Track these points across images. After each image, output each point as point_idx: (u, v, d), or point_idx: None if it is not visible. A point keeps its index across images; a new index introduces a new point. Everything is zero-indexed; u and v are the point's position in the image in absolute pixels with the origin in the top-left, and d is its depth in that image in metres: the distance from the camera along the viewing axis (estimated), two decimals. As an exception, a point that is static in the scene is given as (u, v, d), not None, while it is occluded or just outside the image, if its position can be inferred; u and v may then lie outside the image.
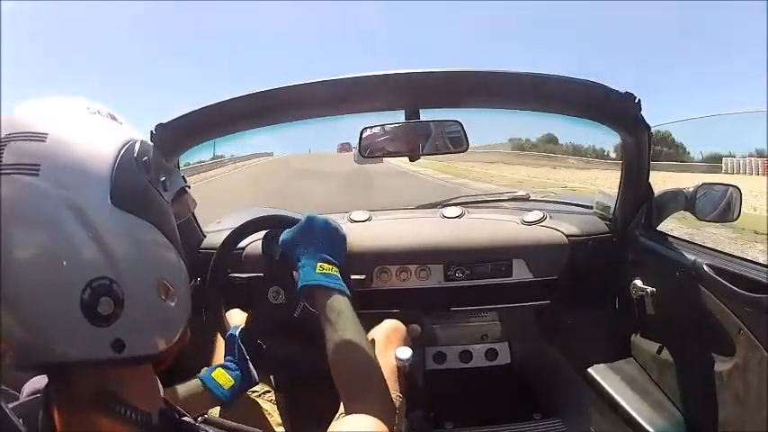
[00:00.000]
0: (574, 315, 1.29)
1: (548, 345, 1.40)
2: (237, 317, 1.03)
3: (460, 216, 1.38)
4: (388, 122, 0.94)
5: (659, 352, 1.08)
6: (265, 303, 0.91)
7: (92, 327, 0.37)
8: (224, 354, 0.89)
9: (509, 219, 1.35)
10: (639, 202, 1.14)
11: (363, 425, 0.59)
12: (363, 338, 0.67)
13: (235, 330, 0.91)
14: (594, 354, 1.20)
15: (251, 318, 0.91)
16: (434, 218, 1.40)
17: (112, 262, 0.38)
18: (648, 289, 1.07)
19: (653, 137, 1.04)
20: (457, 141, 0.93)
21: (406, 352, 0.95)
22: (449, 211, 1.41)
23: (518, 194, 1.65)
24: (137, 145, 0.43)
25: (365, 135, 0.93)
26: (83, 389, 0.40)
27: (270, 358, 0.91)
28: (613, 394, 1.09)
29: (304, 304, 0.89)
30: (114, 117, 0.45)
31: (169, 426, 0.44)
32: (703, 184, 1.09)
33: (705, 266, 0.91)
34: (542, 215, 1.32)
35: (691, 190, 1.10)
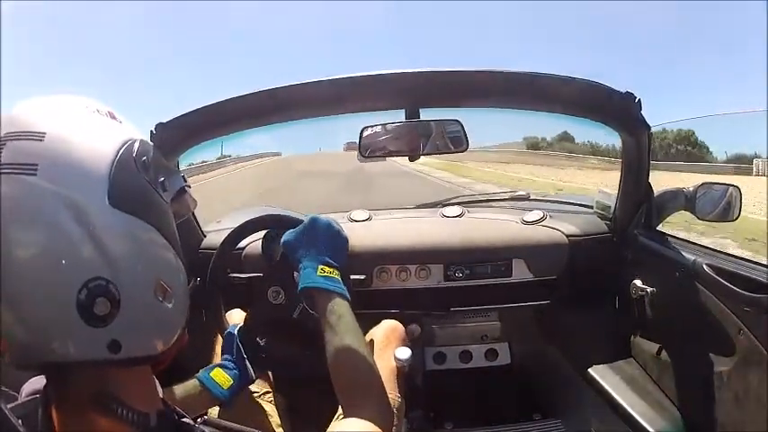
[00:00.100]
0: (574, 315, 1.29)
1: (548, 345, 1.40)
2: (237, 317, 1.02)
3: (460, 216, 1.38)
4: (389, 122, 0.94)
5: (659, 352, 1.08)
6: (265, 303, 0.91)
7: (88, 327, 0.37)
8: (221, 352, 0.89)
9: (509, 218, 1.35)
10: (639, 202, 1.14)
11: (361, 428, 0.59)
12: (363, 343, 0.67)
13: (233, 328, 0.91)
14: (594, 354, 1.20)
15: (250, 316, 0.91)
16: (434, 217, 1.40)
17: (109, 262, 0.38)
18: (648, 289, 1.07)
19: (653, 137, 1.05)
20: (457, 141, 0.93)
21: (405, 352, 0.95)
22: (449, 211, 1.41)
23: (518, 194, 1.65)
24: (136, 144, 0.43)
25: (365, 135, 0.93)
26: (81, 389, 0.40)
27: (267, 357, 0.91)
28: (613, 394, 1.09)
29: (303, 305, 0.88)
30: (114, 116, 0.45)
31: (167, 426, 0.44)
32: (703, 184, 1.09)
33: (705, 266, 0.91)
34: (542, 215, 1.32)
35: (691, 189, 1.10)
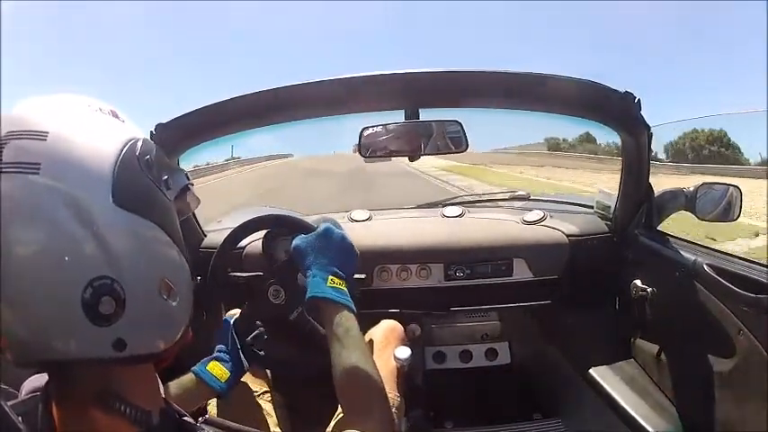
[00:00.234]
0: (574, 315, 1.29)
1: (548, 344, 1.41)
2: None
3: (461, 215, 1.38)
4: (389, 122, 0.94)
5: (659, 352, 1.08)
6: (265, 301, 0.91)
7: (93, 326, 0.37)
8: (215, 341, 0.88)
9: (509, 218, 1.35)
10: (640, 202, 1.14)
11: None
12: (370, 359, 0.68)
13: (230, 318, 0.90)
14: (594, 353, 1.20)
15: (248, 309, 0.91)
16: (435, 217, 1.40)
17: (114, 261, 0.38)
18: (649, 289, 1.07)
19: (653, 137, 1.05)
20: (457, 141, 0.94)
21: (405, 352, 0.95)
22: (449, 211, 1.41)
23: (518, 194, 1.65)
24: (139, 143, 0.43)
25: (366, 135, 0.94)
26: (83, 387, 0.40)
27: (263, 353, 0.92)
28: (613, 394, 1.09)
29: (302, 309, 0.89)
30: (116, 115, 0.45)
31: (169, 425, 0.44)
32: (703, 184, 1.09)
33: (705, 266, 0.91)
34: (543, 215, 1.32)
35: (691, 189, 1.10)
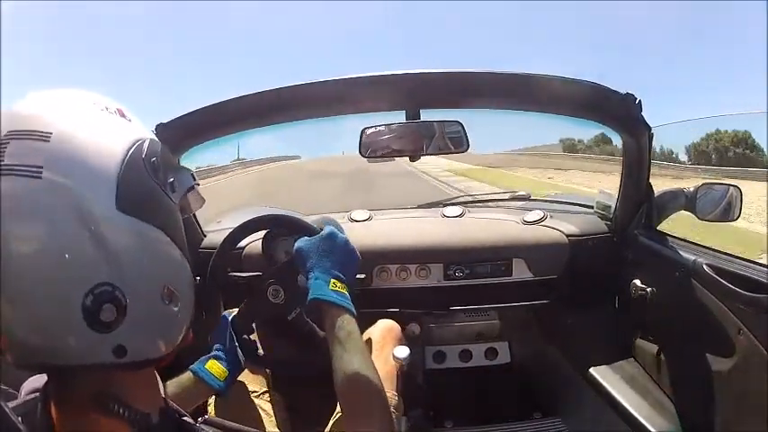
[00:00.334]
0: (574, 314, 1.29)
1: (547, 344, 1.41)
2: None
3: (461, 215, 1.38)
4: (389, 122, 0.94)
5: (659, 352, 1.08)
6: (264, 300, 0.92)
7: (93, 332, 0.37)
8: (212, 339, 0.88)
9: (509, 218, 1.35)
10: (640, 202, 1.14)
11: None
12: (371, 363, 0.68)
13: (228, 315, 0.90)
14: (594, 353, 1.20)
15: (246, 307, 0.91)
16: (435, 217, 1.41)
17: (116, 268, 0.38)
18: (648, 289, 1.07)
19: (653, 137, 1.05)
20: (458, 141, 0.93)
21: (404, 351, 0.95)
22: (449, 211, 1.41)
23: (519, 194, 1.65)
24: (145, 144, 0.42)
25: (366, 135, 0.93)
26: (83, 389, 0.39)
27: (261, 352, 0.92)
28: (613, 394, 1.09)
29: (300, 310, 0.89)
30: (123, 113, 0.44)
31: (169, 426, 0.44)
32: (704, 185, 1.09)
33: (705, 266, 0.91)
34: (543, 215, 1.32)
35: (691, 189, 1.10)
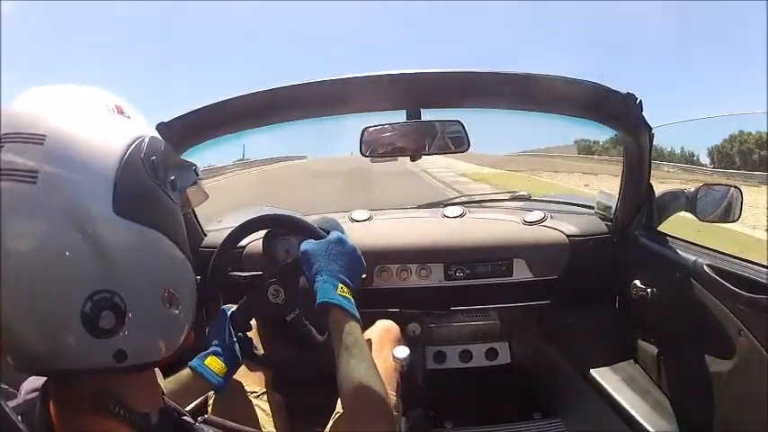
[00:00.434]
0: (574, 315, 1.29)
1: (548, 345, 1.41)
2: None
3: (461, 215, 1.38)
4: (390, 122, 0.94)
5: (659, 352, 1.08)
6: (264, 299, 0.92)
7: (93, 339, 0.36)
8: (209, 334, 0.87)
9: (510, 218, 1.35)
10: (640, 203, 1.14)
11: None
12: (376, 370, 0.68)
13: (227, 310, 0.90)
14: (594, 354, 1.20)
15: (246, 304, 0.91)
16: (435, 217, 1.41)
17: (115, 274, 0.37)
18: (649, 289, 1.07)
19: (654, 137, 1.05)
20: (458, 141, 0.94)
21: (404, 351, 0.95)
22: (450, 211, 1.41)
23: (519, 194, 1.65)
24: (145, 143, 0.41)
25: (367, 134, 0.93)
26: (82, 391, 0.39)
27: (258, 352, 0.92)
28: (613, 394, 1.09)
29: (299, 311, 0.89)
30: (122, 110, 0.43)
31: (168, 425, 0.44)
32: (704, 185, 1.09)
33: (705, 267, 0.91)
34: (543, 215, 1.32)
35: (692, 190, 1.10)
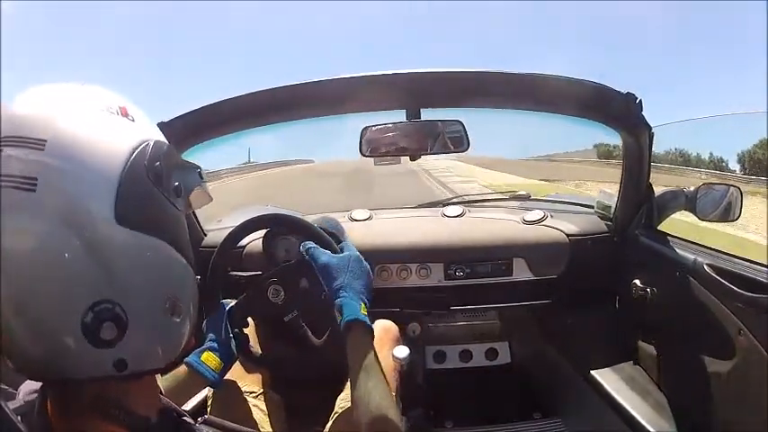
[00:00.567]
0: (574, 314, 1.29)
1: (548, 344, 1.40)
2: None
3: (461, 215, 1.38)
4: (390, 122, 0.94)
5: (659, 352, 1.08)
6: (264, 298, 0.92)
7: (94, 349, 0.36)
8: (206, 329, 0.86)
9: (510, 218, 1.35)
10: (640, 202, 1.14)
11: None
12: (388, 389, 0.69)
13: (226, 306, 0.89)
14: (594, 353, 1.20)
15: (245, 301, 0.91)
16: (435, 217, 1.41)
17: (117, 284, 0.36)
18: (649, 289, 1.07)
19: (654, 137, 1.05)
20: (458, 141, 0.94)
21: (404, 351, 0.95)
22: (450, 210, 1.41)
23: (519, 194, 1.65)
24: (149, 148, 0.40)
25: (367, 134, 0.93)
26: (82, 396, 0.39)
27: (255, 351, 0.92)
28: (613, 394, 1.09)
29: (297, 312, 0.89)
30: (126, 112, 0.41)
31: (168, 426, 0.44)
32: (704, 184, 1.09)
33: (705, 266, 0.91)
34: (543, 214, 1.32)
35: (692, 189, 1.10)
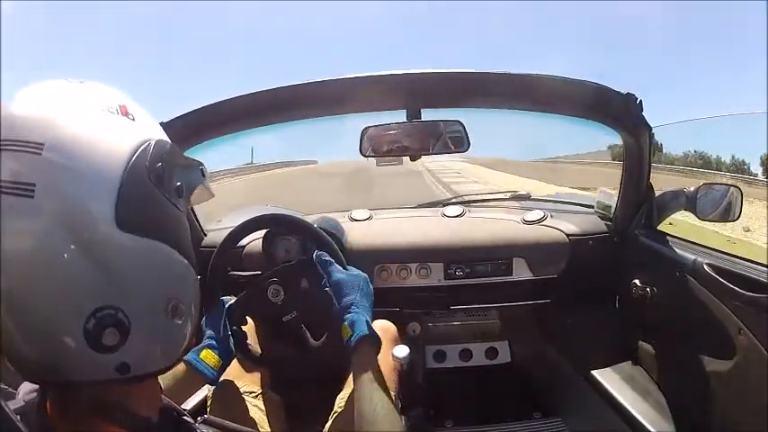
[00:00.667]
0: (574, 314, 1.29)
1: (548, 344, 1.41)
2: None
3: (461, 215, 1.38)
4: (390, 122, 0.94)
5: (659, 351, 1.08)
6: (264, 297, 0.92)
7: (96, 354, 0.36)
8: (204, 325, 0.86)
9: (510, 218, 1.35)
10: (640, 202, 1.15)
11: None
12: (391, 400, 0.69)
13: (225, 302, 0.89)
14: (594, 353, 1.21)
15: (244, 299, 0.91)
16: (435, 216, 1.41)
17: (119, 289, 0.36)
18: (648, 288, 1.07)
19: (654, 137, 1.05)
20: (458, 141, 0.94)
21: (404, 351, 0.95)
22: (450, 210, 1.41)
23: (519, 193, 1.65)
24: (150, 148, 0.39)
25: (367, 134, 0.93)
26: (82, 397, 0.39)
27: (248, 342, 0.92)
28: (613, 393, 1.09)
29: (296, 313, 0.89)
30: (126, 111, 0.40)
31: (168, 426, 0.44)
32: (704, 184, 1.09)
33: (705, 266, 0.91)
34: (543, 214, 1.33)
35: (692, 189, 1.10)
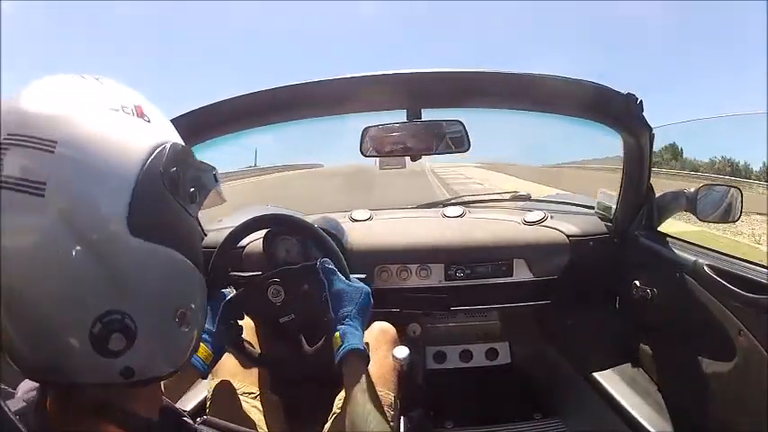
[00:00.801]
0: (574, 315, 1.29)
1: (548, 345, 1.41)
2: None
3: (462, 215, 1.38)
4: (390, 122, 0.94)
5: (659, 352, 1.08)
6: (263, 297, 0.92)
7: (101, 358, 0.35)
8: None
9: (510, 218, 1.35)
10: (640, 203, 1.15)
11: None
12: (383, 410, 0.69)
13: (224, 296, 0.89)
14: (594, 354, 1.21)
15: (244, 296, 0.91)
16: (436, 217, 1.41)
17: (127, 295, 0.35)
18: (649, 289, 1.07)
19: (654, 138, 1.05)
20: (458, 141, 0.94)
21: (404, 351, 0.95)
22: (450, 211, 1.41)
23: (519, 194, 1.65)
24: (165, 151, 0.38)
25: (369, 134, 0.93)
26: (85, 399, 0.38)
27: (242, 338, 0.92)
28: (613, 394, 1.09)
29: (293, 316, 0.89)
30: (142, 111, 0.39)
31: (168, 426, 0.44)
32: (704, 185, 1.09)
33: (705, 267, 0.91)
34: (543, 215, 1.33)
35: (692, 191, 1.10)
